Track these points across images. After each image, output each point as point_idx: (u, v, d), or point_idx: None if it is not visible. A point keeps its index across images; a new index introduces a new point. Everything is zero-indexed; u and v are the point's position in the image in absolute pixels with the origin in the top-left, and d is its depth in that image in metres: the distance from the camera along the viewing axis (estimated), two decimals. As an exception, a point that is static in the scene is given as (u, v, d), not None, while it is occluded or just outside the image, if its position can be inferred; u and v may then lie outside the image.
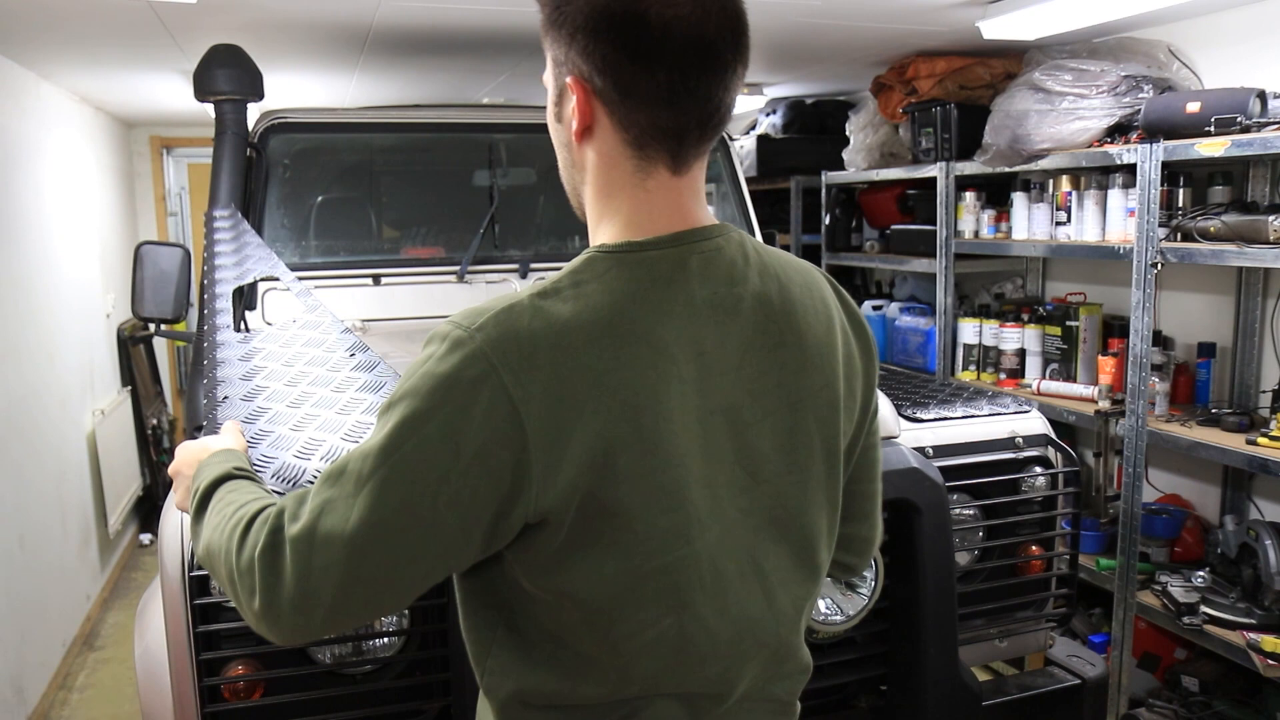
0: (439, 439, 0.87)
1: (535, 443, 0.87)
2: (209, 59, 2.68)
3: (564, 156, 1.03)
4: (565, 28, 0.94)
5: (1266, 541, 2.66)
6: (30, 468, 3.64)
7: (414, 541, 0.89)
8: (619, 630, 0.94)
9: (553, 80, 1.00)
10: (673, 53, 0.91)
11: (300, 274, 2.77)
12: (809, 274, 1.07)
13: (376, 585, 0.90)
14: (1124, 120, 2.99)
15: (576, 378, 0.88)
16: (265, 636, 0.95)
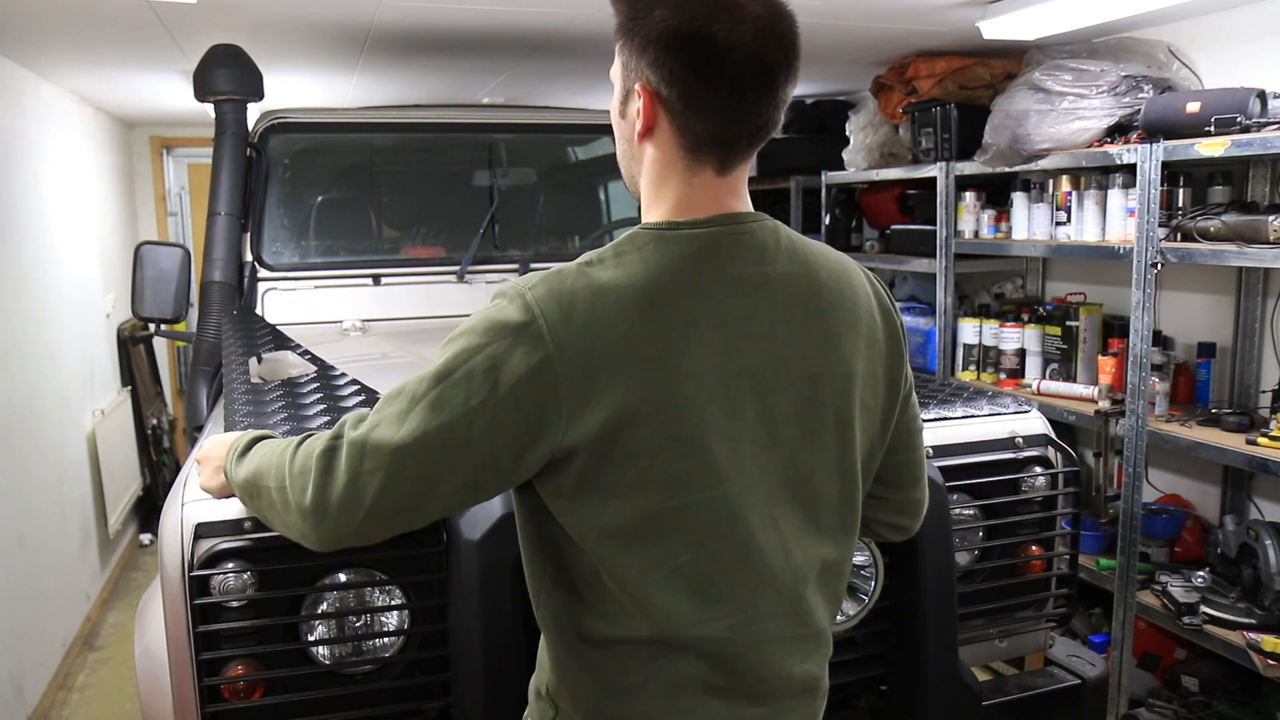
0: (484, 371, 1.01)
1: (565, 385, 1.00)
2: (209, 59, 2.68)
3: (624, 148, 1.16)
4: (638, 38, 1.06)
5: (1266, 541, 2.66)
6: (30, 468, 3.64)
7: (449, 458, 1.02)
8: (643, 562, 1.04)
9: (620, 80, 1.12)
10: (733, 73, 1.03)
11: (300, 274, 2.78)
12: (841, 264, 1.18)
13: (412, 493, 1.03)
14: (1124, 120, 2.99)
15: (606, 333, 1.01)
16: (306, 539, 1.10)
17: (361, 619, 1.63)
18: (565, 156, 3.37)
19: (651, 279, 1.04)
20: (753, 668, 1.10)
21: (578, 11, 2.93)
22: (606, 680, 1.10)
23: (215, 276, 2.62)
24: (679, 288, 1.04)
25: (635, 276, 1.04)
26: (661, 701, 1.09)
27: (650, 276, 1.04)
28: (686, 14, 1.02)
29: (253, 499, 1.20)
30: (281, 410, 1.85)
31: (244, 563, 1.54)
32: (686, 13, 1.02)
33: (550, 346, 1.00)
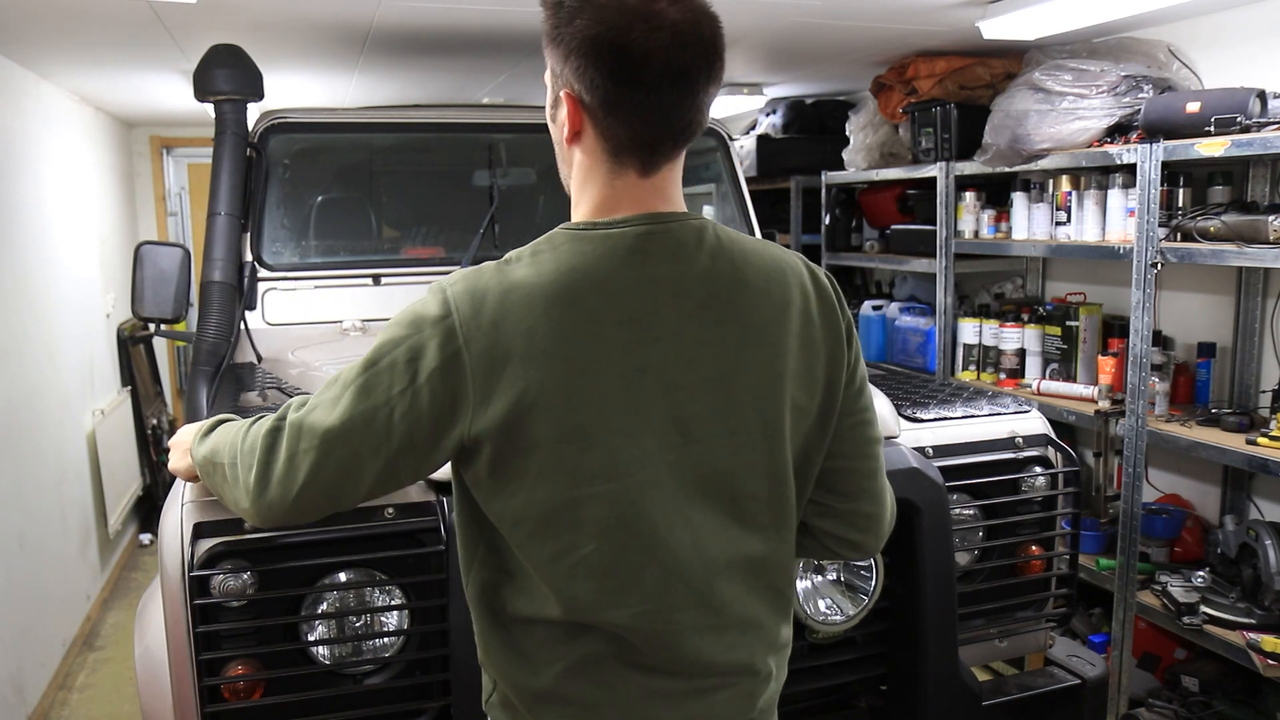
0: (404, 362, 1.07)
1: (473, 377, 1.06)
2: (209, 59, 2.68)
3: (558, 151, 1.20)
4: (562, 47, 1.09)
5: (1266, 541, 2.66)
6: (30, 468, 3.64)
7: (372, 442, 1.08)
8: (551, 549, 1.09)
9: (550, 87, 1.15)
10: (651, 78, 1.06)
11: (300, 274, 2.77)
12: (776, 261, 1.19)
13: (338, 475, 1.10)
14: (1124, 120, 2.99)
15: (511, 329, 1.06)
16: (247, 515, 1.17)
17: (361, 619, 1.63)
18: (565, 156, 3.37)
19: (560, 277, 1.07)
20: (671, 653, 1.13)
21: (578, 11, 2.93)
22: (526, 654, 1.14)
23: (215, 276, 2.62)
24: (587, 286, 1.08)
25: (545, 275, 1.08)
26: (578, 677, 1.13)
27: (559, 275, 1.08)
28: (605, 22, 1.05)
29: (208, 476, 1.26)
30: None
31: (244, 563, 1.55)
32: (605, 21, 1.05)
33: (460, 340, 1.06)
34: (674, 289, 1.10)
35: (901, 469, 1.82)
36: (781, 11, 2.98)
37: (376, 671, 1.66)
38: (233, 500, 1.20)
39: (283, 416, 1.14)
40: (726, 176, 3.19)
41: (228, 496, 1.22)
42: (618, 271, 1.09)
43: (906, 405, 2.17)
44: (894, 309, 4.32)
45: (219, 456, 1.23)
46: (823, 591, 1.85)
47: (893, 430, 1.99)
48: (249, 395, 2.17)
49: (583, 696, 1.13)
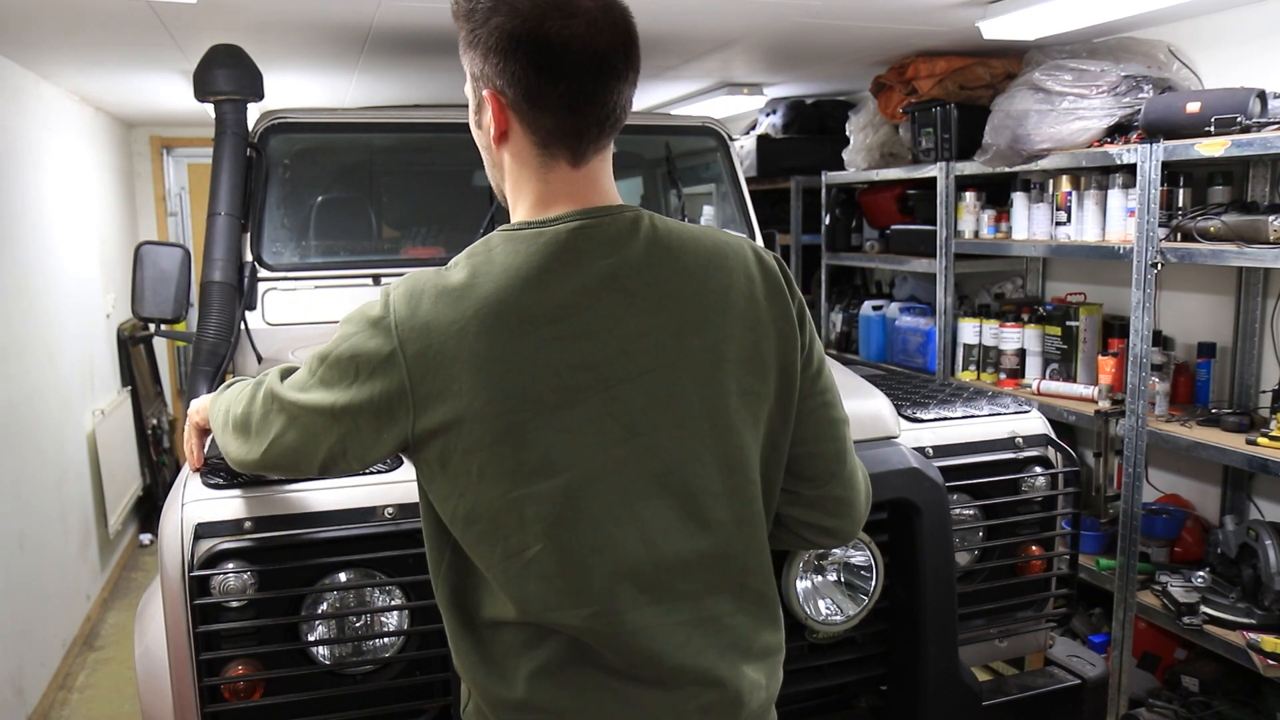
0: (348, 358, 1.10)
1: (410, 379, 1.07)
2: (209, 59, 2.68)
3: (486, 158, 1.21)
4: (479, 47, 1.11)
5: (1266, 541, 2.66)
6: (30, 468, 3.64)
7: (322, 426, 1.13)
8: (501, 550, 1.10)
9: (472, 93, 1.17)
10: (571, 66, 1.07)
11: (300, 274, 2.78)
12: (717, 247, 1.18)
13: (295, 447, 1.17)
14: (1124, 120, 2.99)
15: (443, 332, 1.07)
16: (226, 455, 1.28)
17: (361, 619, 1.63)
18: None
19: (494, 279, 1.09)
20: (632, 653, 1.10)
21: (578, 11, 2.93)
22: (495, 660, 1.14)
23: (215, 276, 2.62)
24: (519, 286, 1.08)
25: (478, 278, 1.09)
26: (545, 682, 1.12)
27: (493, 277, 1.09)
28: (520, 16, 1.07)
29: (213, 419, 1.36)
30: None
31: (244, 563, 1.55)
32: (520, 15, 1.07)
33: (395, 341, 1.08)
34: (608, 282, 1.10)
35: (901, 469, 1.82)
36: (781, 11, 2.98)
37: (376, 671, 1.66)
38: (221, 441, 1.30)
39: (265, 380, 1.22)
40: (726, 176, 3.19)
41: (219, 438, 1.31)
42: (551, 269, 1.09)
43: (906, 405, 2.17)
44: (894, 309, 4.32)
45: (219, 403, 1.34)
46: (823, 591, 1.85)
47: (893, 430, 1.99)
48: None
49: (551, 704, 1.12)
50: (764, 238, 3.23)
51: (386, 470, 1.69)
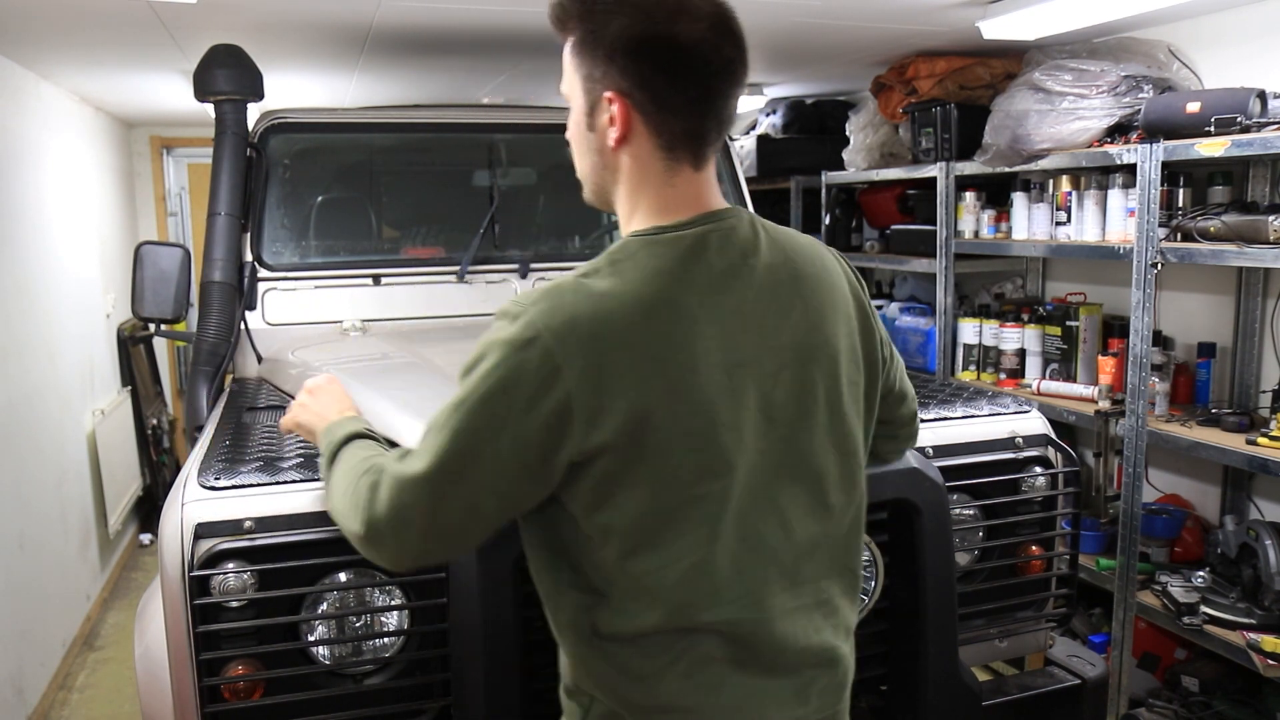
0: (500, 392, 1.06)
1: (577, 394, 1.04)
2: (209, 59, 2.68)
3: (594, 161, 1.19)
4: (602, 49, 1.11)
5: (1266, 541, 2.66)
6: (30, 468, 3.64)
7: (482, 477, 1.07)
8: (660, 557, 1.09)
9: (583, 94, 1.16)
10: (700, 70, 1.10)
11: (300, 274, 2.78)
12: (814, 246, 1.25)
13: (455, 518, 1.10)
14: (1124, 120, 2.99)
15: (612, 340, 1.06)
16: (372, 558, 1.17)
17: (361, 619, 1.63)
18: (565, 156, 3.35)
19: (648, 283, 1.09)
20: (767, 642, 1.14)
21: (578, 11, 2.93)
22: (632, 670, 1.13)
23: (215, 276, 2.62)
24: (675, 288, 1.09)
25: (633, 283, 1.08)
26: (685, 682, 1.13)
27: (647, 281, 1.09)
28: (648, 19, 1.09)
29: (332, 511, 1.26)
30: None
31: (244, 563, 1.55)
32: (650, 17, 1.09)
33: (559, 359, 1.04)
34: (748, 283, 1.14)
35: (901, 469, 1.82)
36: (781, 11, 2.98)
37: (376, 671, 1.66)
38: (352, 539, 1.19)
39: (382, 469, 1.15)
40: (726, 176, 3.19)
41: (347, 534, 1.21)
42: (697, 272, 1.11)
43: (906, 405, 2.17)
44: (894, 309, 4.32)
45: (335, 496, 1.24)
46: None
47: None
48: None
49: (693, 703, 1.14)
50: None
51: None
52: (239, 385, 2.57)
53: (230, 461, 1.73)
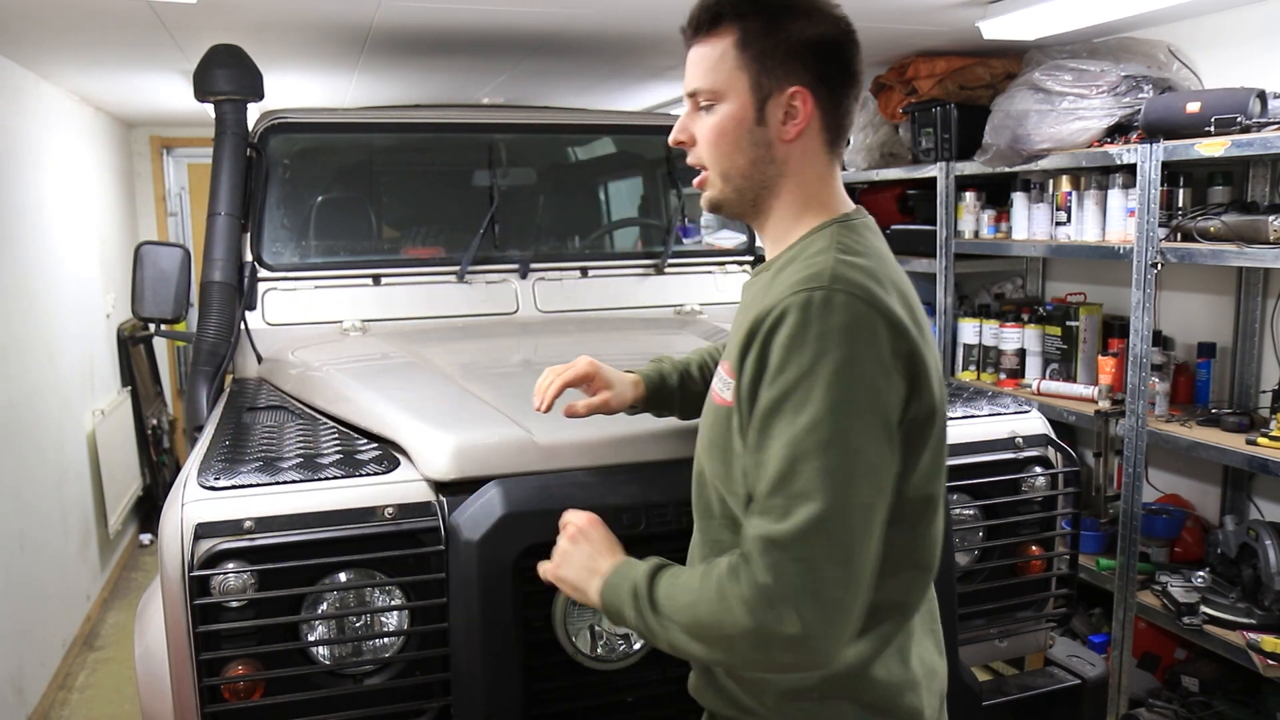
0: (873, 372, 1.04)
1: (912, 358, 1.08)
2: (209, 59, 2.68)
3: (756, 155, 1.20)
4: (781, 47, 1.16)
5: (1266, 541, 2.66)
6: (30, 468, 3.64)
7: (879, 478, 1.05)
8: (931, 518, 1.18)
9: (750, 89, 1.18)
10: (858, 70, 1.21)
11: (300, 274, 2.77)
12: None
13: (872, 537, 1.04)
14: (1124, 120, 2.99)
15: (899, 306, 1.10)
16: (813, 663, 1.03)
17: (361, 619, 1.63)
18: (565, 156, 3.37)
19: (885, 258, 1.18)
20: (933, 612, 1.30)
21: (577, 11, 2.93)
22: (883, 648, 1.19)
23: (215, 276, 2.62)
24: (896, 266, 1.19)
25: (880, 258, 1.16)
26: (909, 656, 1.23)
27: (884, 257, 1.17)
28: (833, 23, 1.18)
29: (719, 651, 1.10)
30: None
31: (244, 563, 1.54)
32: (833, 22, 1.18)
33: (897, 317, 1.07)
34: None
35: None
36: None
37: (376, 671, 1.66)
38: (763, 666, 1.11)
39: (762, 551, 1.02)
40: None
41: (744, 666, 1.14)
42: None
43: (906, 405, 2.17)
44: (894, 309, 4.31)
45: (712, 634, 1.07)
46: None
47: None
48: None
49: (919, 677, 1.23)
50: (764, 238, 3.23)
51: (386, 470, 1.69)
52: (239, 385, 2.56)
53: (230, 461, 1.73)
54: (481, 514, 1.57)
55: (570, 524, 1.30)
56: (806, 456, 1.01)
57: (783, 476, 1.03)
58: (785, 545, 1.01)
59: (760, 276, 1.25)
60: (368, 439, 1.88)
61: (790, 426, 1.03)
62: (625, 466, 1.69)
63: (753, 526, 1.05)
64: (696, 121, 1.23)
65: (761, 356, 1.08)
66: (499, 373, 2.32)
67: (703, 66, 1.20)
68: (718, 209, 1.26)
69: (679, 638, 1.11)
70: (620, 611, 1.18)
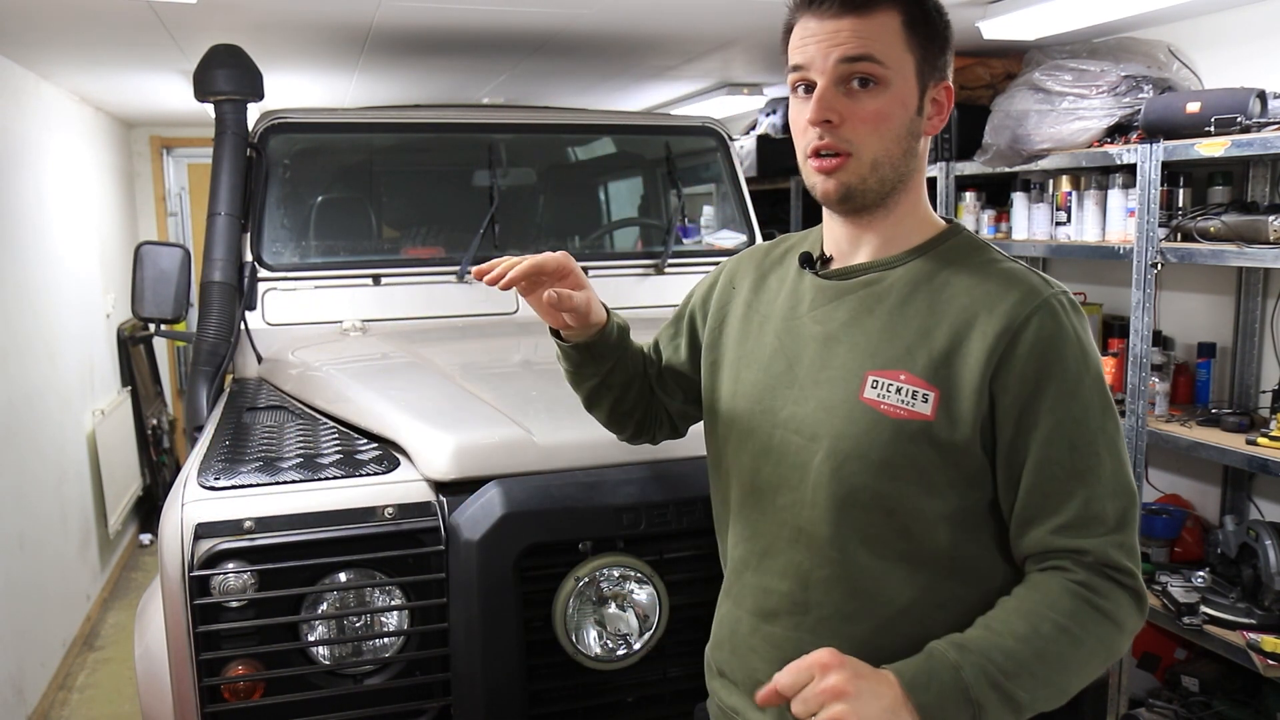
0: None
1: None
2: (209, 59, 2.68)
3: (906, 147, 1.17)
4: (938, 42, 1.16)
5: (1266, 541, 2.65)
6: (30, 468, 3.64)
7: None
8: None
9: (917, 78, 1.15)
10: None
11: (300, 274, 2.78)
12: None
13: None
14: (1124, 120, 2.99)
15: None
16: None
17: (361, 619, 1.63)
18: (565, 156, 3.37)
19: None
20: None
21: (578, 12, 2.93)
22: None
23: (215, 277, 2.62)
24: None
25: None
26: None
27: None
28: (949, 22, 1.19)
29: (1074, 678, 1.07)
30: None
31: (244, 563, 1.54)
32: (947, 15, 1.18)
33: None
34: None
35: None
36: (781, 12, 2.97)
37: (376, 671, 1.66)
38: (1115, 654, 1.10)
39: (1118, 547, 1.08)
40: (726, 176, 3.19)
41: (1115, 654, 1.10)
42: None
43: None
44: (894, 309, 4.31)
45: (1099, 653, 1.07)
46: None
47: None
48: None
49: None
50: (764, 238, 3.23)
51: (386, 470, 1.69)
52: (239, 385, 2.57)
53: (230, 461, 1.73)
54: (481, 514, 1.57)
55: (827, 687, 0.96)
56: (1121, 458, 1.11)
57: (1116, 481, 1.10)
58: (1133, 550, 1.09)
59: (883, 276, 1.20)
60: (368, 439, 1.88)
61: (1102, 433, 1.09)
62: (625, 466, 1.69)
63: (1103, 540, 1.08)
64: (850, 101, 1.12)
65: (1025, 370, 1.09)
66: (499, 373, 2.32)
67: (868, 38, 1.10)
68: (850, 198, 1.17)
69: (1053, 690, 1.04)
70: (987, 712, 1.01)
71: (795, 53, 1.16)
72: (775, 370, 1.22)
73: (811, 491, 1.16)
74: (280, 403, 2.28)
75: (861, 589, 1.14)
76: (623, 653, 1.65)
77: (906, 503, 1.11)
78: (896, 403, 1.11)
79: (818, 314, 1.21)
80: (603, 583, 1.64)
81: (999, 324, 1.09)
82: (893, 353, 1.13)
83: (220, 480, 1.63)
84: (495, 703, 1.56)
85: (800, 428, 1.17)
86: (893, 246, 1.20)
